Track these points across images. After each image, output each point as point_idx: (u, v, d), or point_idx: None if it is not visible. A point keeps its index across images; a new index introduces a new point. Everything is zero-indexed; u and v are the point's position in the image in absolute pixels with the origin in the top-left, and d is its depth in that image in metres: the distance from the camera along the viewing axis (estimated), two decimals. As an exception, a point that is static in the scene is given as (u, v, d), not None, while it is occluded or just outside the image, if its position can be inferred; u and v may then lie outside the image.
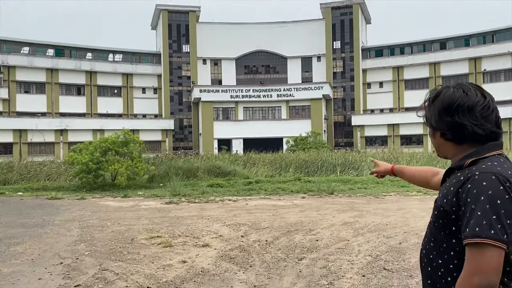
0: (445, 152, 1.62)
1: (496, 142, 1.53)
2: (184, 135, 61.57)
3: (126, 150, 18.58)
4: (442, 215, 1.51)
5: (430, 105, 1.61)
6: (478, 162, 1.49)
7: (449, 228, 1.49)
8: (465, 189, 1.42)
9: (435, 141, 1.63)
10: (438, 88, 1.63)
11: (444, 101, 1.55)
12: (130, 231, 8.87)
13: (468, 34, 55.82)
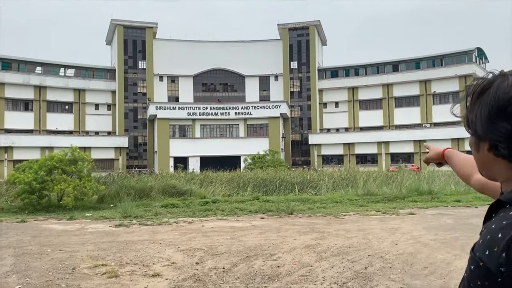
0: (493, 173, 1.06)
1: None
2: (138, 153, 59.93)
3: (74, 169, 17.42)
4: (482, 274, 0.93)
5: (475, 101, 1.02)
6: None
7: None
8: (502, 262, 0.88)
9: (478, 156, 1.07)
10: (488, 77, 1.04)
11: (498, 96, 0.97)
12: (72, 259, 7.99)
13: (418, 57, 58.16)
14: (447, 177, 24.03)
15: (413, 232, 10.32)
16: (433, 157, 1.83)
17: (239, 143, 52.88)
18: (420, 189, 19.69)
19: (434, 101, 56.30)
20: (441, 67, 55.93)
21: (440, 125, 54.06)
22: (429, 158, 1.86)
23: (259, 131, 54.57)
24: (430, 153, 1.85)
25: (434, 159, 1.82)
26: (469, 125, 1.04)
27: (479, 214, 13.72)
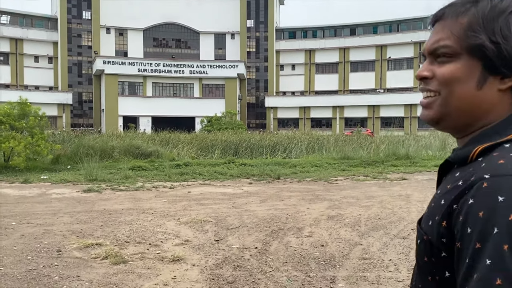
0: (479, 119, 0.84)
1: None
2: (83, 110, 56.10)
3: (24, 125, 15.07)
4: (427, 249, 0.82)
5: (497, 18, 0.80)
6: (495, 150, 0.78)
7: (441, 274, 0.81)
8: (463, 208, 0.74)
9: (477, 94, 0.82)
10: None
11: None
12: (49, 235, 6.33)
13: (376, 22, 57.87)
14: (406, 141, 23.86)
15: (428, 199, 9.48)
16: None
17: (194, 104, 50.56)
18: (397, 153, 19.19)
19: (388, 66, 56.63)
20: (397, 33, 56.02)
21: (393, 90, 54.67)
22: None
23: (215, 92, 52.41)
24: None
25: None
26: (486, 51, 0.80)
27: (474, 180, 13.30)
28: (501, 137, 0.81)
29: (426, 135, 29.34)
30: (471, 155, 0.82)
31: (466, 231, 0.73)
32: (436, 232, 0.80)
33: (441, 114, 0.87)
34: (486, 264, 0.69)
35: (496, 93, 0.82)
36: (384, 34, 56.65)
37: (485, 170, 0.76)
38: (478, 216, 0.72)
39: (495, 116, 0.84)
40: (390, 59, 56.50)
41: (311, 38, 59.60)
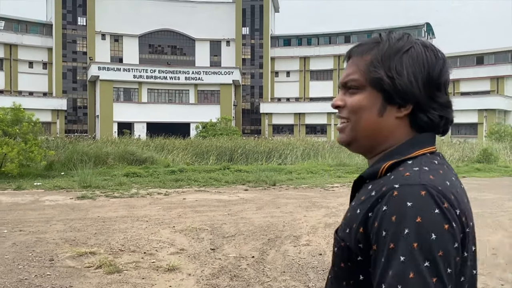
0: (384, 141, 0.98)
1: (431, 134, 0.98)
2: (78, 117, 55.69)
3: (18, 130, 14.91)
4: (344, 255, 0.93)
5: (392, 58, 0.95)
6: (400, 165, 0.92)
7: (356, 278, 0.91)
8: (377, 214, 0.86)
9: (379, 121, 0.97)
10: (402, 37, 0.99)
11: (429, 64, 0.95)
12: (42, 244, 6.20)
13: (370, 29, 58.11)
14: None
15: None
16: None
17: (189, 110, 50.37)
18: (393, 161, 19.17)
19: (384, 74, 56.85)
20: (392, 40, 56.22)
21: (388, 98, 54.83)
22: None
23: (210, 98, 52.27)
24: None
25: None
26: (383, 84, 0.95)
27: (470, 187, 13.27)
28: (398, 157, 0.94)
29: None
30: (380, 170, 0.94)
31: (381, 234, 0.83)
32: (353, 238, 0.90)
33: (351, 138, 1.00)
34: (400, 261, 0.79)
35: (395, 120, 0.96)
36: (379, 41, 56.96)
37: (394, 181, 0.87)
38: (391, 220, 0.82)
39: (394, 140, 0.97)
40: (384, 67, 56.77)
41: (306, 45, 59.75)
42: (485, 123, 46.31)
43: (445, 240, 0.81)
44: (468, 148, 23.65)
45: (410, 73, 0.94)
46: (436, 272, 0.79)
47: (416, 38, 1.00)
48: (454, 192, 0.88)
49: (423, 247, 0.79)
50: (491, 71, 50.20)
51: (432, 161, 0.93)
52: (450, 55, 54.03)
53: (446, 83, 0.98)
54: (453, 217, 0.84)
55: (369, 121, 0.97)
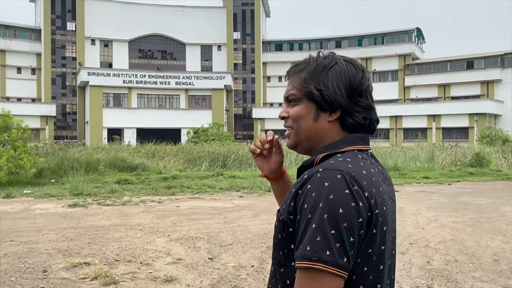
0: (321, 142, 1.20)
1: (361, 135, 1.20)
2: (67, 123, 55.23)
3: (7, 137, 14.64)
4: (280, 227, 1.14)
5: (320, 75, 1.19)
6: (330, 158, 1.14)
7: (288, 247, 1.11)
8: (304, 191, 1.07)
9: (315, 126, 1.19)
10: (325, 55, 1.23)
11: (350, 77, 1.18)
12: (34, 254, 6.02)
13: (361, 34, 58.52)
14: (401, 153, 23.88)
15: (421, 212, 9.39)
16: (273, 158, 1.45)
17: (180, 115, 50.13)
18: (386, 165, 19.17)
19: (374, 79, 57.15)
20: (382, 45, 56.68)
21: (379, 102, 55.11)
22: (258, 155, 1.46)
23: (201, 103, 52.10)
24: (275, 150, 1.44)
25: (273, 162, 1.44)
26: (314, 96, 1.17)
27: (464, 191, 13.30)
28: (335, 150, 1.16)
29: (412, 146, 29.52)
30: (316, 160, 1.16)
31: (304, 206, 1.04)
32: (286, 212, 1.10)
33: (295, 142, 1.22)
34: (312, 227, 1.00)
35: (327, 124, 1.18)
36: (369, 46, 57.30)
37: (320, 167, 1.09)
38: (312, 195, 1.03)
39: (329, 140, 1.19)
40: (375, 72, 57.07)
41: (297, 50, 59.93)
42: (475, 127, 46.70)
43: (350, 215, 1.01)
44: (460, 152, 23.75)
45: (335, 85, 1.16)
46: (340, 239, 0.99)
47: (340, 56, 1.21)
48: (367, 180, 1.07)
49: (331, 218, 1.00)
50: (481, 76, 50.74)
51: (356, 155, 1.14)
52: (440, 60, 54.53)
53: (367, 89, 1.19)
54: (360, 198, 1.03)
55: (307, 126, 1.19)
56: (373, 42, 57.64)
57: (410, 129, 51.64)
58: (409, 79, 55.12)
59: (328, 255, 0.98)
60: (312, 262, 0.98)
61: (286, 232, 1.10)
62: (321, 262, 0.98)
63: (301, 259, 1.00)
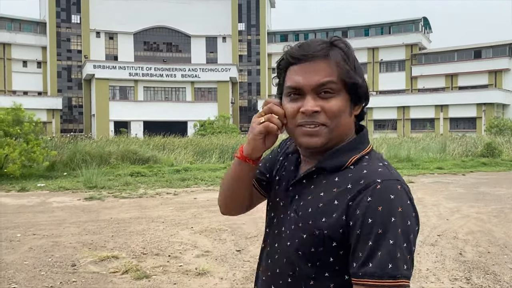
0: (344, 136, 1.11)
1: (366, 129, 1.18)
2: (73, 116, 55.29)
3: (19, 131, 14.60)
4: (318, 242, 1.04)
5: (353, 66, 1.08)
6: (362, 160, 1.08)
7: (325, 260, 1.05)
8: (362, 205, 0.99)
9: (348, 121, 1.10)
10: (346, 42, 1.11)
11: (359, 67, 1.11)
12: (60, 248, 5.97)
13: (367, 24, 58.02)
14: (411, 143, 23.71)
15: (441, 203, 9.29)
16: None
17: (186, 108, 50.02)
18: (399, 156, 19.05)
19: (380, 69, 56.81)
20: (389, 35, 56.20)
21: (386, 93, 54.84)
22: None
23: (207, 96, 51.97)
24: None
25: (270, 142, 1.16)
26: (359, 89, 1.08)
27: (480, 182, 13.18)
28: (359, 151, 1.09)
29: (421, 137, 29.31)
30: (347, 164, 1.07)
31: (367, 221, 0.97)
32: (337, 226, 1.01)
33: (327, 140, 1.07)
34: (390, 244, 0.95)
35: (352, 118, 1.11)
36: (376, 36, 56.81)
37: (373, 176, 1.01)
38: (377, 210, 0.97)
39: (349, 136, 1.11)
40: (382, 62, 56.66)
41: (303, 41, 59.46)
42: (483, 117, 46.35)
43: (414, 226, 1.00)
44: (470, 142, 23.56)
45: (362, 75, 1.10)
46: (410, 251, 0.98)
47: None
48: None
49: (404, 232, 0.97)
50: (489, 65, 50.25)
51: (381, 156, 1.11)
52: (447, 50, 54.02)
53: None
54: (415, 206, 1.03)
55: (345, 122, 1.08)
56: (379, 31, 57.14)
57: (417, 120, 51.33)
58: (416, 69, 54.69)
59: (405, 269, 0.97)
60: (396, 280, 0.95)
61: (328, 246, 1.03)
62: (403, 278, 0.96)
63: (381, 276, 0.95)
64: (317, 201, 1.06)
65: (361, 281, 0.97)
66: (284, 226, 1.14)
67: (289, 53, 1.09)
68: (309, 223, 1.05)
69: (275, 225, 1.19)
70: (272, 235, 1.19)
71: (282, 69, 1.12)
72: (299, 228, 1.07)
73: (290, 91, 1.08)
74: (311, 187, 1.10)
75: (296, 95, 1.08)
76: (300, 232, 1.07)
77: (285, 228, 1.14)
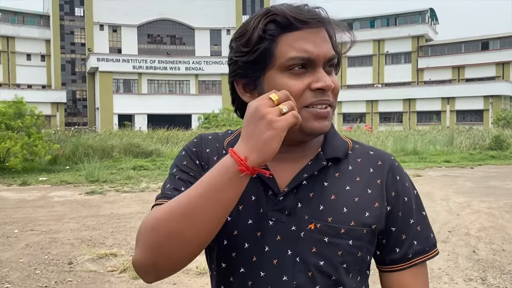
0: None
1: None
2: (78, 109, 55.27)
3: (21, 124, 14.44)
4: (367, 239, 0.90)
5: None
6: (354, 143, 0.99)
7: (365, 260, 0.92)
8: (394, 186, 0.93)
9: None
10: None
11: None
12: (57, 245, 5.79)
13: (373, 16, 57.41)
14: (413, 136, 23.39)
15: (451, 198, 9.04)
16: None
17: (190, 101, 49.81)
18: (405, 149, 18.77)
19: (386, 61, 56.24)
20: (394, 27, 55.56)
21: (391, 85, 54.31)
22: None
23: (211, 88, 51.71)
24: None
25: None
26: (336, 48, 0.91)
27: (489, 175, 12.89)
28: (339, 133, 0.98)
29: (427, 129, 28.97)
30: (349, 149, 0.95)
31: (404, 200, 0.94)
32: (379, 216, 0.91)
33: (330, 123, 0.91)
34: (423, 215, 0.97)
35: None
36: (382, 28, 56.20)
37: (382, 154, 0.97)
38: (406, 186, 0.95)
39: None
40: (387, 54, 56.10)
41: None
42: (491, 110, 45.84)
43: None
44: (478, 135, 23.21)
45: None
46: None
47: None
48: None
49: (420, 200, 0.99)
50: (496, 57, 49.58)
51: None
52: (454, 41, 53.38)
53: None
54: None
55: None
56: (385, 23, 56.50)
57: (423, 112, 50.86)
58: (423, 61, 54.08)
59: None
60: (436, 247, 0.97)
61: (372, 243, 0.92)
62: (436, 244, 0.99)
63: (430, 249, 0.95)
64: (348, 197, 0.89)
65: (412, 262, 0.93)
66: (293, 249, 0.87)
67: (291, 15, 0.83)
68: (350, 225, 0.87)
69: (266, 255, 0.87)
70: (270, 269, 0.87)
71: (271, 37, 0.84)
72: (336, 237, 0.87)
73: (295, 63, 0.84)
74: (324, 185, 0.89)
75: (302, 68, 0.84)
76: (341, 240, 0.87)
77: (299, 250, 0.87)
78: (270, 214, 0.88)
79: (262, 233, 0.88)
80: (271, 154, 0.75)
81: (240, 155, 0.75)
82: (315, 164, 0.90)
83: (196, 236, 0.78)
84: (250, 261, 0.88)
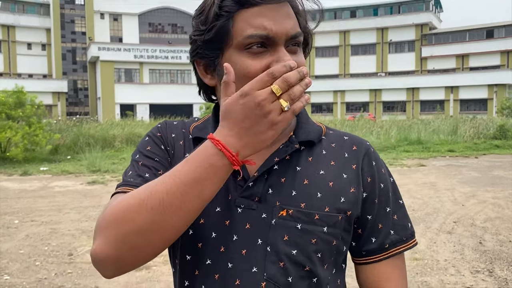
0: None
1: None
2: (79, 99, 55.22)
3: (21, 113, 14.35)
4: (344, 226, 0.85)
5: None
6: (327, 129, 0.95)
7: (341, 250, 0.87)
8: (370, 171, 0.89)
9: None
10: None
11: None
12: (58, 236, 5.73)
13: (376, 3, 56.84)
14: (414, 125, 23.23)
15: (455, 188, 8.93)
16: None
17: (192, 90, 49.44)
18: (409, 138, 18.62)
19: (390, 49, 55.80)
20: (398, 15, 55.02)
21: (395, 74, 53.96)
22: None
23: (213, 77, 51.43)
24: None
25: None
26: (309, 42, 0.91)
27: (494, 165, 12.77)
28: (308, 117, 0.93)
29: (430, 118, 28.79)
30: (323, 134, 0.90)
31: (380, 186, 0.89)
32: (354, 202, 0.85)
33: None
34: (400, 203, 0.93)
35: None
36: (385, 16, 55.68)
37: (358, 139, 0.92)
38: (382, 172, 0.91)
39: None
40: (391, 42, 55.65)
41: (310, 21, 58.51)
42: (495, 99, 45.55)
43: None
44: (482, 124, 23.02)
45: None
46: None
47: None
48: None
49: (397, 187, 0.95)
50: (501, 45, 49.12)
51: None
52: (458, 29, 52.88)
53: None
54: None
55: None
56: (389, 11, 55.96)
57: (427, 101, 50.57)
58: (426, 50, 53.64)
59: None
60: (414, 237, 0.93)
61: (348, 231, 0.87)
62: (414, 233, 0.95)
63: (411, 237, 0.92)
64: (322, 182, 0.84)
65: (389, 252, 0.89)
66: (263, 237, 0.80)
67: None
68: (325, 211, 0.82)
69: (235, 245, 0.81)
70: (238, 260, 0.80)
71: (227, 13, 0.77)
72: (309, 223, 0.81)
73: (254, 41, 0.75)
74: (297, 170, 0.84)
75: (261, 47, 0.76)
76: (315, 227, 0.81)
77: (270, 238, 0.80)
78: (238, 201, 0.82)
79: (230, 222, 0.82)
80: (261, 150, 0.71)
81: (232, 150, 0.67)
82: (287, 148, 0.84)
83: (170, 230, 0.70)
84: (217, 252, 0.82)
